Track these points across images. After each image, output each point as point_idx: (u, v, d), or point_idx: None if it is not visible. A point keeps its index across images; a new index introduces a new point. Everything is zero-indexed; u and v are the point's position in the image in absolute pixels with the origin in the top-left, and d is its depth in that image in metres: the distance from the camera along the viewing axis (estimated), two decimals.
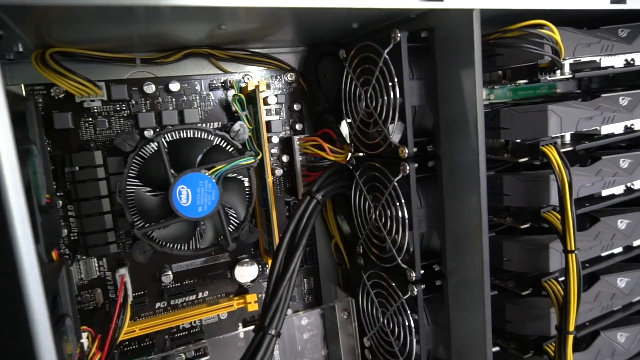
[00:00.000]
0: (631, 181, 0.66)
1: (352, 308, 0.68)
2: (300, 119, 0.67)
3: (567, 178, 0.54)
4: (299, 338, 0.69)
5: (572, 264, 0.55)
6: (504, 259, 0.62)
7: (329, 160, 0.62)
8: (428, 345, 0.56)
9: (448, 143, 0.52)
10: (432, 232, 0.55)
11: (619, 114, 0.63)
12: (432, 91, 0.52)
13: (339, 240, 0.69)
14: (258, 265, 0.66)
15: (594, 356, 0.66)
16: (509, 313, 0.63)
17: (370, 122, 0.57)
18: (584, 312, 0.63)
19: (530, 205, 0.59)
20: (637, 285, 0.68)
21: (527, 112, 0.57)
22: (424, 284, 0.55)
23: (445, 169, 0.53)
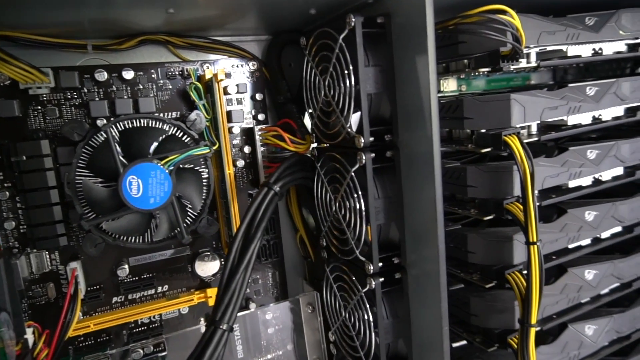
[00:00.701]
0: (599, 172, 0.65)
1: (317, 302, 0.67)
2: (264, 109, 0.65)
3: (529, 168, 0.53)
4: (263, 333, 0.68)
5: (534, 256, 0.53)
6: (469, 252, 0.61)
7: (290, 151, 0.60)
8: (387, 339, 0.55)
9: (406, 132, 0.50)
10: (391, 223, 0.54)
11: (586, 104, 0.61)
12: (389, 79, 0.51)
13: (304, 233, 0.67)
14: (220, 258, 0.65)
15: (561, 349, 0.65)
16: (473, 306, 0.62)
17: (329, 111, 0.55)
18: (550, 304, 0.63)
19: (494, 196, 0.58)
20: (604, 277, 0.67)
21: (490, 102, 0.56)
22: (383, 277, 0.54)
23: (403, 159, 0.52)
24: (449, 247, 0.65)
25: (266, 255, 0.68)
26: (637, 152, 0.67)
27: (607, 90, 0.63)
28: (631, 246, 0.72)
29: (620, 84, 0.64)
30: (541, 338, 0.66)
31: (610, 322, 0.69)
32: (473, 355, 0.64)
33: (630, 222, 0.68)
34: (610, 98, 0.63)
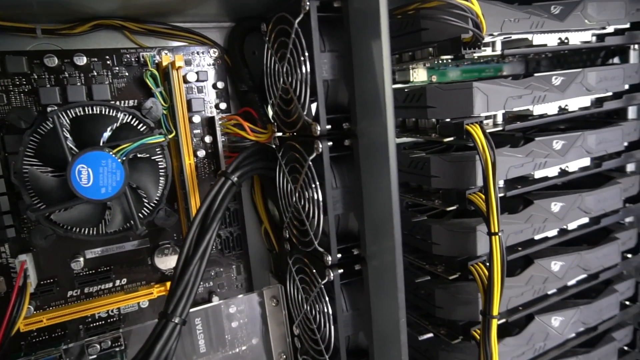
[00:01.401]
0: (565, 163, 0.64)
1: (282, 295, 0.66)
2: (226, 97, 0.64)
3: (490, 158, 0.52)
4: (227, 327, 0.67)
5: (496, 247, 0.53)
6: (433, 243, 0.60)
7: (251, 140, 0.59)
8: (347, 332, 0.54)
9: (364, 121, 0.49)
10: (350, 214, 0.53)
11: (551, 93, 0.61)
12: (347, 65, 0.49)
13: (268, 225, 0.66)
14: None
15: (527, 340, 0.65)
16: (438, 298, 0.62)
17: (288, 99, 0.54)
18: (515, 296, 0.62)
19: (457, 187, 0.57)
20: (571, 268, 0.67)
21: (453, 90, 0.55)
22: (342, 269, 0.53)
23: (362, 148, 0.50)
24: (415, 239, 0.64)
25: (229, 248, 0.66)
26: (603, 142, 0.67)
27: (573, 80, 0.62)
28: (598, 237, 0.72)
29: (586, 74, 0.63)
30: (507, 330, 0.66)
31: (577, 314, 0.69)
32: (439, 348, 0.64)
33: (596, 213, 0.68)
34: (576, 88, 0.63)
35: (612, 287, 0.74)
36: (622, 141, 0.69)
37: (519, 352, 0.64)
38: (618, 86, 0.67)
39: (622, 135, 0.69)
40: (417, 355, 0.68)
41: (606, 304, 0.72)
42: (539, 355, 0.67)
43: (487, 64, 0.83)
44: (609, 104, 0.67)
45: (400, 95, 0.62)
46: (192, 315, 0.63)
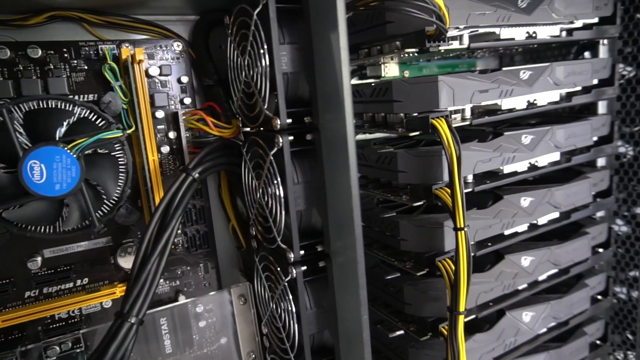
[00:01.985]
0: (533, 157, 0.64)
1: (250, 294, 0.65)
2: (190, 92, 0.62)
3: (455, 152, 0.51)
4: (195, 326, 0.65)
5: (462, 242, 0.52)
6: (401, 239, 0.60)
7: (215, 135, 0.57)
8: (311, 330, 0.53)
9: (326, 114, 0.48)
10: (313, 210, 0.52)
11: (519, 87, 0.60)
12: (307, 57, 0.48)
13: (235, 222, 0.65)
14: None
15: (497, 336, 0.64)
16: (407, 295, 0.61)
17: (250, 92, 0.53)
18: (485, 291, 0.62)
19: (424, 181, 0.56)
20: (541, 263, 0.67)
21: (418, 84, 0.54)
22: (306, 266, 0.52)
23: (324, 143, 0.49)
24: (385, 235, 0.64)
25: (196, 246, 0.65)
26: (572, 137, 0.67)
27: (541, 74, 0.62)
28: (568, 232, 0.72)
29: (554, 69, 0.63)
30: (477, 326, 0.66)
31: (548, 309, 0.69)
32: (409, 345, 0.63)
33: (566, 208, 0.68)
34: (544, 82, 0.62)
35: (583, 281, 0.74)
36: (591, 136, 0.69)
37: (489, 348, 0.64)
38: (586, 81, 0.67)
39: (591, 130, 0.69)
40: (389, 352, 0.67)
41: (577, 298, 0.72)
42: (510, 351, 0.67)
43: (460, 59, 0.82)
44: (578, 98, 0.67)
45: (367, 89, 0.61)
46: (156, 315, 0.62)
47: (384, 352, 0.69)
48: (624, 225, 0.78)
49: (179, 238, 0.64)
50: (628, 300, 0.79)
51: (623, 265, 0.79)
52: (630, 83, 0.74)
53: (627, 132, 0.75)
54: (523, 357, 0.68)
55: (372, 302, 0.69)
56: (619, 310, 0.81)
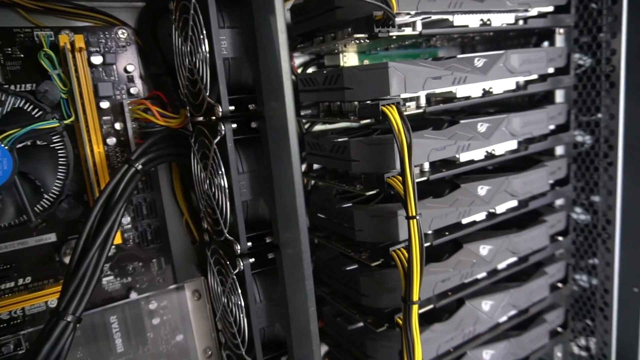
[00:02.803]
0: (490, 146, 0.64)
1: (205, 289, 0.63)
2: (138, 82, 0.60)
3: (406, 140, 0.51)
4: (148, 324, 0.63)
5: (414, 231, 0.51)
6: (356, 230, 0.59)
7: (161, 125, 0.55)
8: (261, 324, 0.51)
9: (270, 101, 0.47)
10: (260, 200, 0.50)
11: (473, 75, 0.60)
12: (250, 42, 0.47)
13: (188, 216, 0.63)
14: None
15: (456, 325, 0.64)
16: (363, 286, 0.60)
17: (194, 79, 0.51)
18: (442, 280, 0.61)
19: (377, 170, 0.55)
20: (499, 252, 0.67)
21: (369, 71, 0.53)
22: (254, 258, 0.50)
23: (270, 131, 0.48)
24: (342, 226, 0.63)
25: (147, 241, 0.63)
26: (528, 125, 0.67)
27: (495, 62, 0.62)
28: (527, 221, 0.72)
29: (509, 56, 0.63)
30: (437, 316, 0.65)
31: (507, 297, 0.69)
32: (367, 337, 0.62)
33: (523, 196, 0.68)
34: (498, 70, 0.62)
35: (542, 269, 0.74)
36: (548, 124, 0.70)
37: (448, 338, 0.63)
38: (541, 69, 0.67)
39: (548, 119, 0.69)
40: (349, 345, 0.67)
41: (536, 286, 0.73)
42: (469, 340, 0.67)
43: (420, 49, 0.82)
44: (534, 86, 0.67)
45: (320, 77, 0.60)
46: (106, 313, 0.60)
47: (345, 345, 0.68)
48: (582, 214, 0.79)
49: (130, 233, 0.62)
50: (588, 288, 0.80)
51: (582, 252, 0.80)
52: (586, 72, 0.74)
53: (584, 121, 0.76)
54: (483, 345, 0.68)
55: (332, 295, 0.68)
56: (579, 297, 0.82)
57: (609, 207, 0.74)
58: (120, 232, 0.60)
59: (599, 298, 0.78)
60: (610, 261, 0.75)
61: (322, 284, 0.71)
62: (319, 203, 0.67)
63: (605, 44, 0.71)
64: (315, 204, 0.68)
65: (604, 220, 0.75)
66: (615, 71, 0.70)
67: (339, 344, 0.69)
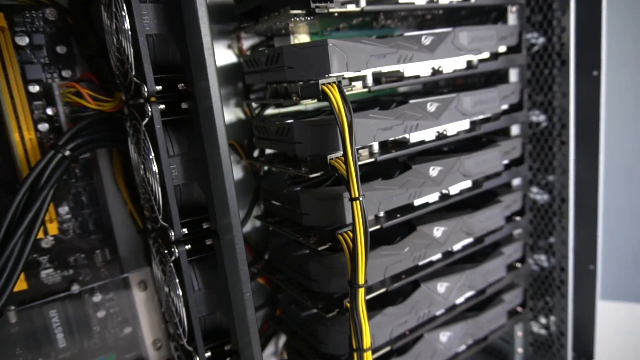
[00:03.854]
0: (440, 126, 0.63)
1: (151, 279, 0.61)
2: (70, 64, 0.57)
3: (347, 119, 0.49)
4: (93, 317, 0.61)
5: (357, 212, 0.50)
6: (303, 214, 0.57)
7: (93, 109, 0.53)
8: (201, 312, 0.50)
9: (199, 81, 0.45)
10: (194, 184, 0.48)
11: (420, 53, 0.59)
12: (176, 18, 0.44)
13: (131, 204, 0.60)
14: None
15: (410, 308, 0.64)
16: (313, 271, 0.59)
17: (122, 59, 0.48)
18: (393, 263, 0.60)
19: (321, 152, 0.54)
20: (453, 233, 0.66)
21: (308, 48, 0.52)
22: (190, 244, 0.49)
23: (201, 112, 0.46)
24: (291, 211, 0.61)
25: (89, 232, 0.60)
26: (479, 105, 0.66)
27: (443, 39, 0.61)
28: (484, 202, 0.72)
29: (457, 34, 0.62)
30: (391, 299, 0.65)
31: (463, 278, 0.69)
32: (319, 323, 0.61)
33: (477, 177, 0.68)
34: (446, 48, 0.61)
35: (499, 250, 0.74)
36: (500, 103, 0.69)
37: (402, 321, 0.63)
38: (492, 47, 0.66)
39: (500, 98, 0.69)
40: (303, 333, 0.66)
41: (492, 266, 0.72)
42: (424, 322, 0.66)
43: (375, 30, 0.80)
44: (485, 65, 0.67)
45: (262, 57, 0.58)
46: (45, 307, 0.57)
47: (300, 332, 0.67)
48: (539, 194, 0.79)
49: (69, 224, 0.59)
50: (546, 267, 0.81)
51: (539, 232, 0.80)
52: (539, 51, 0.74)
53: (538, 101, 0.76)
54: (440, 327, 0.68)
55: (285, 282, 0.67)
56: (537, 277, 0.82)
57: (562, 186, 0.74)
58: (57, 222, 0.58)
59: (557, 277, 0.79)
60: (565, 240, 0.76)
61: (277, 272, 0.70)
62: (269, 188, 0.65)
63: (556, 22, 0.70)
64: (266, 190, 0.67)
65: (559, 199, 0.76)
66: (565, 49, 0.69)
67: (295, 331, 0.68)
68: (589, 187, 0.77)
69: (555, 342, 0.81)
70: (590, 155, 0.76)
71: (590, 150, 0.76)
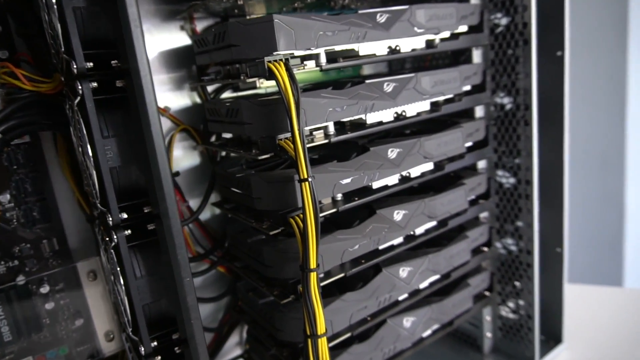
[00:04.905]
0: (398, 107, 0.62)
1: (101, 268, 0.59)
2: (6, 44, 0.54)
3: (293, 98, 0.47)
4: (42, 309, 0.59)
5: (307, 194, 0.49)
6: (255, 198, 0.56)
7: (29, 90, 0.50)
8: (144, 300, 0.48)
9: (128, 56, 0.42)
10: (132, 167, 0.46)
11: (375, 31, 0.57)
12: None
13: (77, 192, 0.58)
14: None
15: (370, 294, 0.62)
16: (267, 257, 0.57)
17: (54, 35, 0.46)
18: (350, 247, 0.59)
19: (270, 133, 0.52)
20: (414, 217, 0.65)
21: (254, 25, 0.50)
22: (131, 229, 0.47)
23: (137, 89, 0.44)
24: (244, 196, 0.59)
25: (34, 221, 0.58)
26: (439, 85, 0.65)
27: (399, 17, 0.59)
28: (443, 184, 0.71)
29: (414, 12, 0.60)
30: (350, 285, 0.63)
31: (426, 262, 0.68)
32: (275, 310, 0.60)
33: (438, 159, 0.67)
34: (403, 26, 0.59)
35: (463, 233, 0.73)
36: (462, 84, 0.68)
37: (361, 306, 0.61)
38: (451, 26, 0.65)
39: (461, 78, 0.67)
40: (262, 321, 0.64)
41: (456, 250, 0.72)
42: (386, 307, 0.65)
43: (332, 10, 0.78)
44: (445, 44, 0.65)
45: (210, 36, 0.56)
46: None
47: (259, 320, 0.66)
48: (505, 176, 0.79)
49: (12, 212, 0.57)
50: (514, 250, 0.80)
51: (506, 215, 0.79)
52: (502, 32, 0.72)
53: (503, 82, 0.74)
54: (403, 313, 0.67)
55: (243, 269, 0.65)
56: (505, 260, 0.82)
57: (527, 169, 0.74)
58: None
59: (523, 260, 0.78)
60: (530, 222, 0.75)
61: (236, 259, 0.68)
62: (224, 173, 0.63)
63: (518, 1, 0.69)
64: (220, 175, 0.65)
65: (525, 181, 0.75)
66: (528, 28, 0.68)
67: (254, 320, 0.67)
68: (555, 169, 0.77)
69: (524, 326, 0.80)
70: (555, 137, 0.75)
71: (555, 131, 0.75)
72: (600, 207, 1.61)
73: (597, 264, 1.65)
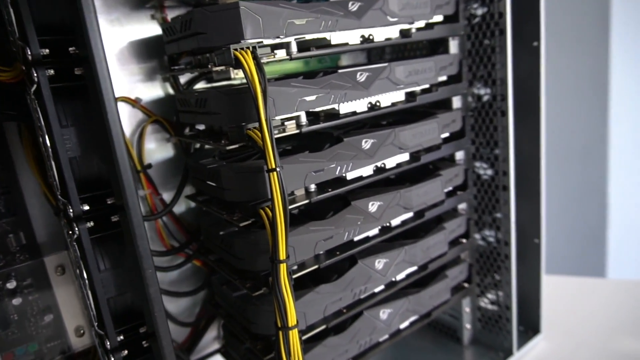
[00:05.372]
0: (371, 96, 0.61)
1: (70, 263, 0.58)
2: None
3: (260, 86, 0.47)
4: (9, 305, 0.58)
5: (275, 184, 0.48)
6: (225, 189, 0.55)
7: None
8: (109, 294, 0.47)
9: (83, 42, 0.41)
10: (92, 157, 0.45)
11: (346, 20, 0.56)
12: None
13: (43, 184, 0.57)
14: None
15: (345, 286, 0.62)
16: (238, 249, 0.57)
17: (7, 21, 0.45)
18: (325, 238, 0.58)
19: (238, 122, 0.51)
20: (389, 208, 0.64)
21: (220, 12, 0.49)
22: (94, 221, 0.46)
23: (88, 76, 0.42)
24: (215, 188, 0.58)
25: None
26: (413, 75, 0.64)
27: (371, 6, 0.58)
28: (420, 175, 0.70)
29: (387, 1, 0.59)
30: (325, 277, 0.63)
31: (402, 254, 0.67)
32: (248, 303, 0.59)
33: (413, 150, 0.66)
34: (375, 16, 0.58)
35: (441, 225, 0.73)
36: (437, 74, 0.67)
37: (336, 298, 0.61)
38: (425, 15, 0.64)
39: (437, 68, 0.67)
40: (235, 313, 0.63)
41: (433, 242, 0.71)
42: (361, 300, 0.65)
43: None
44: (420, 34, 0.64)
45: (177, 24, 0.55)
46: None
47: (233, 314, 0.65)
48: (482, 168, 0.78)
49: None
50: (492, 242, 0.80)
51: (484, 207, 0.79)
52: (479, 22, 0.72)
53: (480, 73, 0.74)
54: (379, 305, 0.67)
55: (217, 263, 0.65)
56: (483, 252, 0.82)
57: (504, 159, 0.74)
58: None
59: (502, 251, 0.78)
60: (507, 213, 0.75)
61: (210, 252, 0.68)
62: (195, 165, 0.62)
63: None
64: (193, 167, 0.64)
65: (502, 172, 0.75)
66: (503, 18, 0.68)
67: (229, 313, 0.66)
68: (532, 160, 0.77)
69: (503, 317, 0.81)
70: (533, 128, 0.75)
71: (532, 122, 0.75)
72: (583, 198, 1.62)
73: (580, 256, 1.66)
